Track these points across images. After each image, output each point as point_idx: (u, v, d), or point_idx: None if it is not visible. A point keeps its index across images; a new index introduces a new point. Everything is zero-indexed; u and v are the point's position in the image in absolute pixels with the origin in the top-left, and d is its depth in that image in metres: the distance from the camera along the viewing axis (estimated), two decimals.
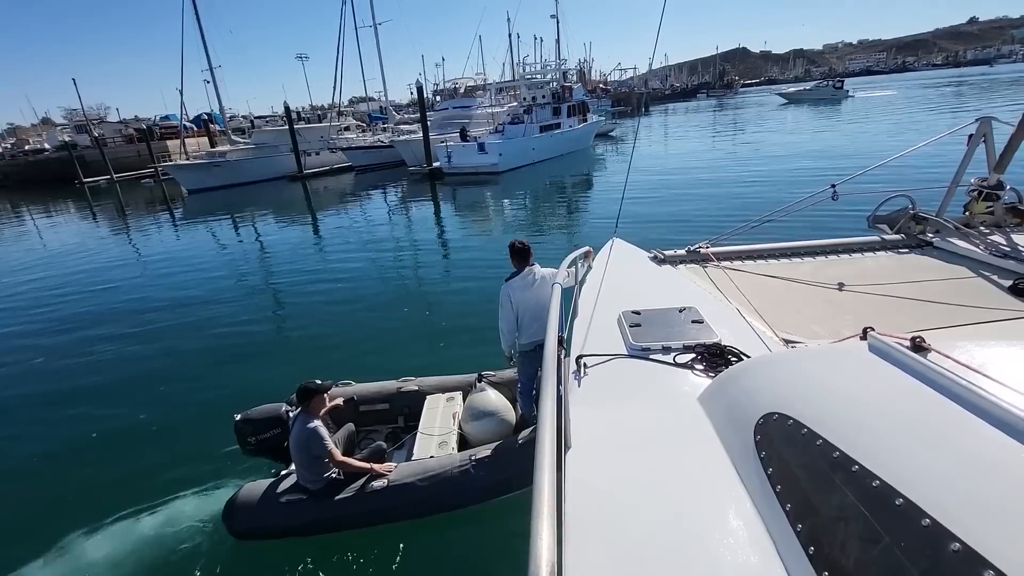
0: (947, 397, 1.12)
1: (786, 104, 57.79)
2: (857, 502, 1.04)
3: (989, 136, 3.71)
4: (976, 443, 1.01)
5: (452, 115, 31.04)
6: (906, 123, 28.65)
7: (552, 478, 1.01)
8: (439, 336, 6.76)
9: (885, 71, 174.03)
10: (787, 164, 18.48)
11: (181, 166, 27.74)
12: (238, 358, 6.80)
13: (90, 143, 37.18)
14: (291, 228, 16.93)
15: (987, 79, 71.99)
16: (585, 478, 1.46)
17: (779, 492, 1.23)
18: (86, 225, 20.71)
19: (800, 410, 1.34)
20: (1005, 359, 1.23)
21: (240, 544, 3.48)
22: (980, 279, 3.01)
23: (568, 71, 40.28)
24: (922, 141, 4.19)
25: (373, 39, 32.61)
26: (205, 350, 7.15)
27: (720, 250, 3.78)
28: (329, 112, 34.66)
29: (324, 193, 24.94)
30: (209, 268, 11.95)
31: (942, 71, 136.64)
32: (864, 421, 1.21)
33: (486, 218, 16.06)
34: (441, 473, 3.48)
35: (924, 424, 1.11)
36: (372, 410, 4.39)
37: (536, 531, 0.87)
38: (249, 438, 3.77)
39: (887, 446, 1.10)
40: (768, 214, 4.14)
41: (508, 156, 23.11)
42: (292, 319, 8.39)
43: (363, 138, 33.47)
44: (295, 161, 28.63)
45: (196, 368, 6.60)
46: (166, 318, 8.57)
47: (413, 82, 24.91)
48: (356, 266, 11.02)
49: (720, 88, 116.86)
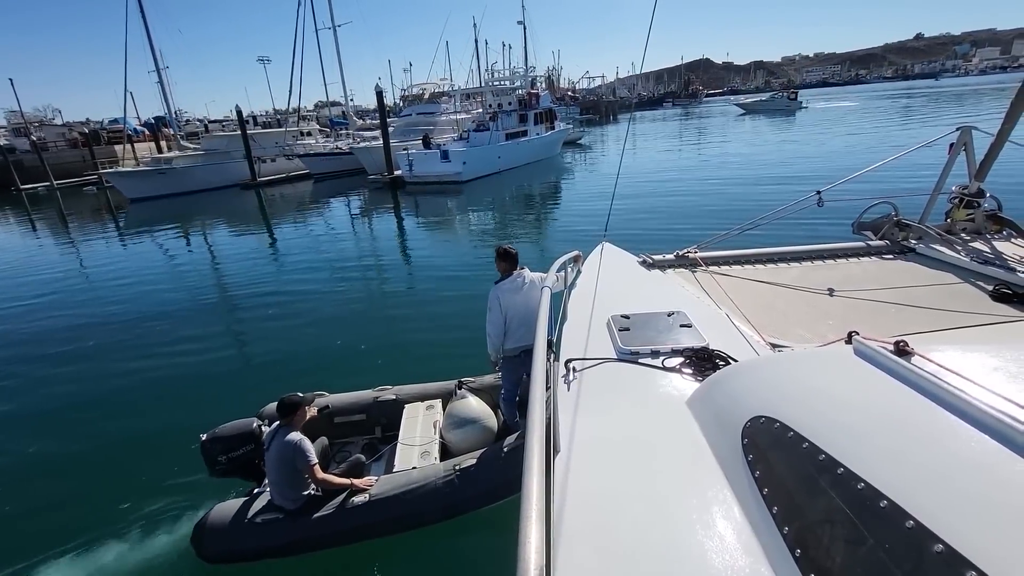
0: (930, 400, 1.14)
1: (744, 114, 59.01)
2: (843, 505, 1.04)
3: (970, 145, 3.79)
4: (958, 445, 1.02)
5: (416, 121, 30.08)
6: (863, 133, 29.32)
7: (541, 482, 1.01)
8: (405, 348, 6.49)
9: (840, 83, 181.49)
10: (758, 171, 18.42)
11: (122, 173, 25.87)
12: (190, 378, 6.31)
13: (29, 147, 34.68)
14: (244, 239, 15.84)
15: (934, 92, 75.30)
16: (574, 482, 1.46)
17: (766, 495, 1.23)
18: (20, 235, 19.12)
19: (787, 413, 1.35)
20: (986, 363, 1.22)
21: (211, 569, 3.26)
22: (962, 285, 3.05)
23: (537, 78, 40.00)
24: (905, 149, 4.23)
25: (338, 43, 31.36)
26: (153, 370, 6.56)
27: (708, 255, 3.80)
28: (288, 117, 33.17)
29: (280, 202, 23.78)
30: (153, 282, 11.12)
31: (893, 83, 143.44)
32: (849, 424, 1.22)
33: (451, 229, 15.45)
34: (425, 485, 3.34)
35: (908, 426, 1.12)
36: (347, 421, 4.21)
37: (524, 535, 0.87)
38: (219, 457, 3.53)
39: (871, 448, 1.11)
40: (755, 220, 4.16)
41: (472, 164, 22.28)
42: (248, 334, 7.86)
43: (324, 144, 32.20)
44: (248, 168, 27.19)
45: (148, 389, 6.06)
46: (104, 335, 7.90)
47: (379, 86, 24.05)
48: (315, 278, 10.44)
49: (686, 97, 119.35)
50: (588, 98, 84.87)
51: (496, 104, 27.57)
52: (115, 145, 36.61)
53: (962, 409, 1.07)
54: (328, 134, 36.24)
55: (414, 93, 35.62)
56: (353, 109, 57.42)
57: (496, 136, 24.46)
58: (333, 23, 30.01)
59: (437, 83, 35.44)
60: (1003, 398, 1.05)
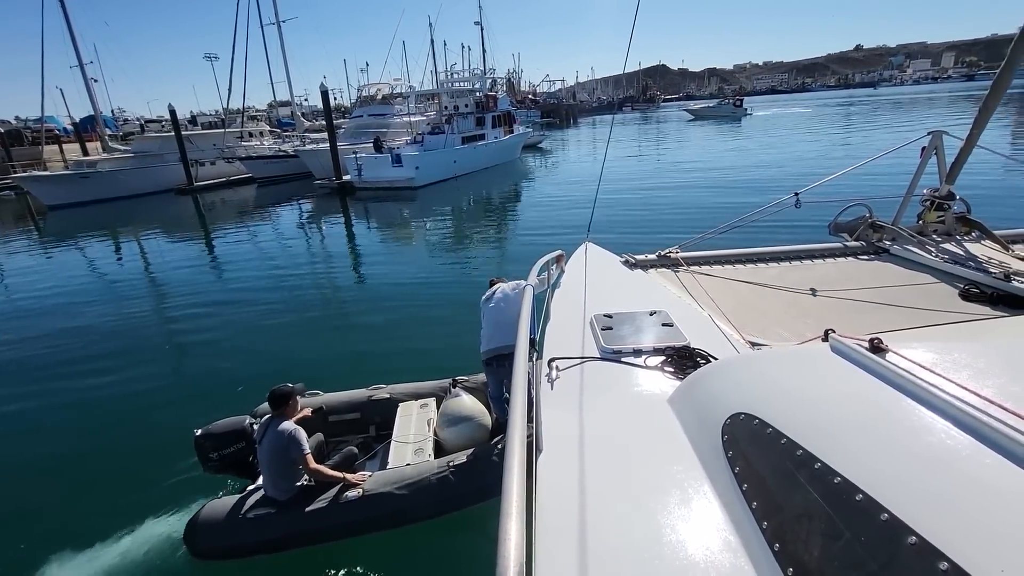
0: (903, 395, 1.16)
1: (693, 120, 60.01)
2: (820, 499, 1.06)
3: (940, 149, 3.91)
4: (930, 438, 1.04)
5: (367, 123, 28.63)
6: (812, 141, 30.03)
7: (521, 480, 1.01)
8: (362, 360, 6.37)
9: (788, 90, 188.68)
10: (720, 175, 18.33)
11: (37, 178, 23.35)
12: (182, 378, 6.35)
13: None
14: (179, 249, 14.62)
15: (873, 100, 79.08)
16: (556, 480, 1.48)
17: (745, 491, 1.25)
18: None
19: (765, 410, 1.36)
20: (956, 359, 1.26)
21: (205, 565, 3.29)
22: (933, 285, 3.15)
23: (497, 79, 39.16)
24: (879, 153, 4.35)
25: (283, 39, 29.56)
26: (145, 376, 6.40)
27: (690, 255, 3.85)
28: (233, 117, 31.03)
29: (220, 208, 22.23)
30: (77, 295, 10.25)
31: (836, 91, 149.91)
32: (826, 420, 1.24)
33: (406, 237, 14.60)
34: (419, 481, 3.36)
35: (882, 421, 1.15)
36: (342, 420, 4.23)
37: (505, 532, 0.87)
38: (211, 454, 3.57)
39: (847, 443, 1.13)
40: (736, 220, 4.22)
41: (426, 169, 21.17)
42: (186, 349, 7.48)
43: (272, 146, 30.29)
44: (184, 172, 25.17)
45: (139, 392, 6.00)
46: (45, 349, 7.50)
47: (335, 88, 22.76)
48: (257, 286, 9.95)
49: (644, 102, 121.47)
50: (549, 102, 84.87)
51: (452, 106, 26.56)
52: (44, 145, 33.43)
53: (934, 403, 1.09)
54: (279, 135, 34.30)
55: (368, 94, 33.98)
56: (309, 109, 55.06)
57: (452, 140, 23.45)
58: (277, 19, 28.28)
59: (391, 83, 33.89)
60: (972, 393, 1.09)
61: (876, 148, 4.63)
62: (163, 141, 27.04)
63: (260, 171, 26.77)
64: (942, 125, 4.17)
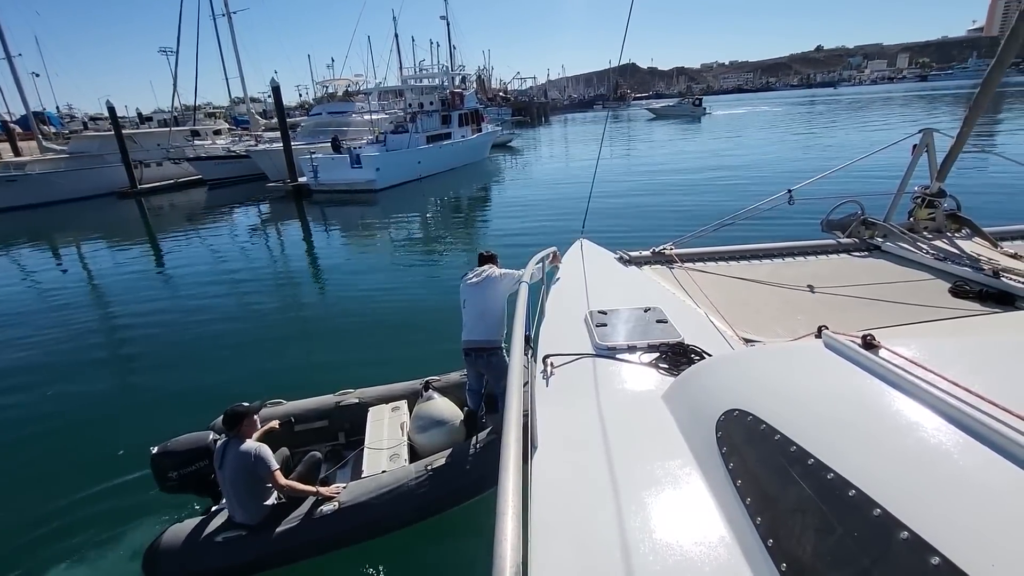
0: (895, 390, 1.17)
1: (654, 119, 60.16)
2: (813, 495, 1.06)
3: (931, 147, 3.95)
4: (921, 434, 1.05)
5: (326, 122, 27.16)
6: (760, 135, 30.12)
7: (518, 478, 1.01)
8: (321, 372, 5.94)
9: (753, 89, 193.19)
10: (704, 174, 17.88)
11: None
12: (137, 394, 5.92)
13: None
14: (122, 256, 13.49)
15: (833, 99, 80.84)
16: (552, 478, 1.48)
17: (739, 487, 1.25)
18: None
19: (759, 406, 1.37)
20: (947, 355, 1.27)
21: None
22: (924, 281, 3.20)
23: (467, 76, 38.01)
24: (872, 150, 4.36)
25: (234, 31, 27.82)
26: (88, 394, 5.94)
27: (684, 252, 3.87)
28: (180, 115, 29.10)
29: (168, 213, 20.73)
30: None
31: (798, 91, 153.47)
32: (819, 416, 1.24)
33: (366, 243, 13.68)
34: (397, 487, 3.23)
35: (874, 417, 1.15)
36: (308, 429, 4.04)
37: (501, 531, 0.87)
38: (170, 473, 3.32)
39: (840, 439, 1.14)
40: (729, 217, 4.22)
41: (388, 170, 19.97)
42: (133, 362, 7.00)
43: (227, 146, 28.50)
44: (127, 174, 23.37)
45: (86, 406, 5.64)
46: None
47: (302, 84, 21.30)
48: (212, 298, 9.31)
49: (615, 100, 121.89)
50: (520, 99, 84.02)
51: (417, 104, 25.41)
52: None
53: (925, 399, 1.10)
54: (240, 134, 32.43)
55: (329, 91, 32.39)
56: (273, 107, 52.41)
57: (416, 139, 22.30)
58: (227, 9, 26.56)
59: (351, 80, 32.35)
60: (963, 388, 1.09)
61: (843, 150, 4.56)
62: (103, 141, 25.01)
63: (210, 172, 25.05)
64: (903, 124, 4.18)
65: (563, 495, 1.38)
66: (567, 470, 1.50)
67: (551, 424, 1.71)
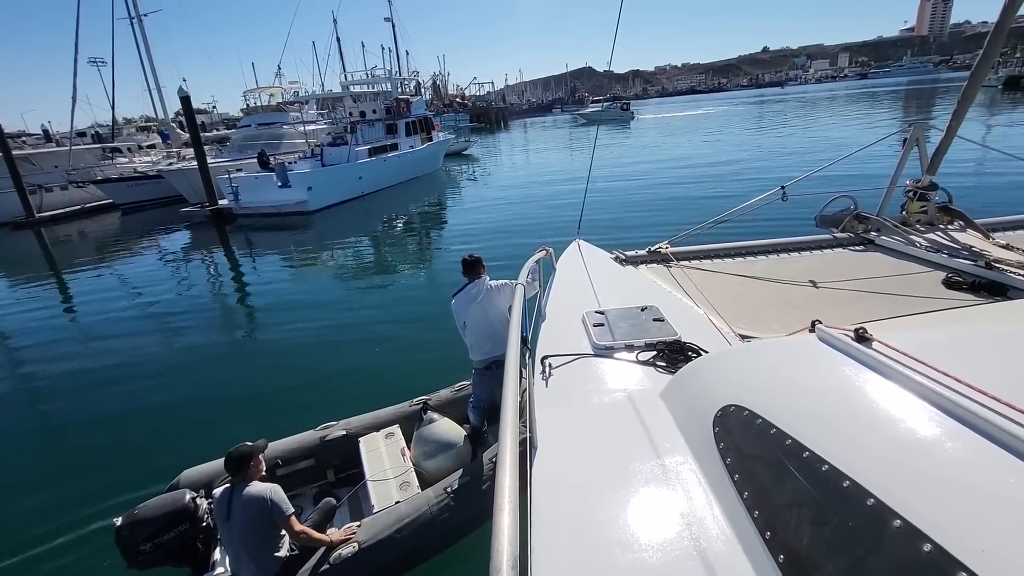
0: (888, 382, 1.18)
1: (584, 123, 59.54)
2: (809, 487, 1.08)
3: (921, 141, 4.02)
4: (913, 424, 1.07)
5: (255, 135, 24.53)
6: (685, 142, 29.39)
7: (514, 475, 1.02)
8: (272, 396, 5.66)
9: (706, 90, 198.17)
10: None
11: None
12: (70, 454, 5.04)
13: None
14: (17, 297, 11.56)
15: (780, 99, 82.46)
16: (552, 477, 1.49)
17: (737, 481, 1.26)
18: None
19: (755, 401, 1.38)
20: (939, 346, 1.29)
21: None
22: (917, 274, 3.24)
23: (420, 83, 35.94)
24: (863, 144, 4.52)
25: (146, 35, 24.80)
26: None
27: (679, 250, 3.90)
28: (77, 132, 25.71)
29: (75, 243, 18.18)
30: None
31: (748, 91, 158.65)
32: (814, 409, 1.26)
33: (301, 272, 12.15)
34: (418, 517, 3.06)
35: (867, 409, 1.17)
36: (293, 471, 3.68)
37: (498, 527, 0.89)
38: (142, 545, 2.92)
39: (834, 431, 1.15)
40: (723, 214, 4.25)
41: (322, 189, 17.73)
42: (49, 419, 6.14)
43: (151, 165, 25.46)
44: (21, 201, 20.29)
45: None
46: None
47: (243, 92, 18.71)
48: (132, 346, 8.09)
49: (573, 103, 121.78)
50: (478, 104, 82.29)
51: (358, 112, 23.21)
52: None
53: (917, 390, 1.12)
54: None
55: (263, 103, 29.59)
56: (220, 118, 48.42)
57: (356, 152, 20.13)
58: (137, 11, 23.56)
59: (284, 87, 29.66)
60: (954, 379, 1.10)
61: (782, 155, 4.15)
62: None
63: (122, 196, 22.11)
64: (857, 121, 3.18)
65: (563, 494, 1.41)
66: (567, 469, 1.53)
67: (550, 424, 1.75)
